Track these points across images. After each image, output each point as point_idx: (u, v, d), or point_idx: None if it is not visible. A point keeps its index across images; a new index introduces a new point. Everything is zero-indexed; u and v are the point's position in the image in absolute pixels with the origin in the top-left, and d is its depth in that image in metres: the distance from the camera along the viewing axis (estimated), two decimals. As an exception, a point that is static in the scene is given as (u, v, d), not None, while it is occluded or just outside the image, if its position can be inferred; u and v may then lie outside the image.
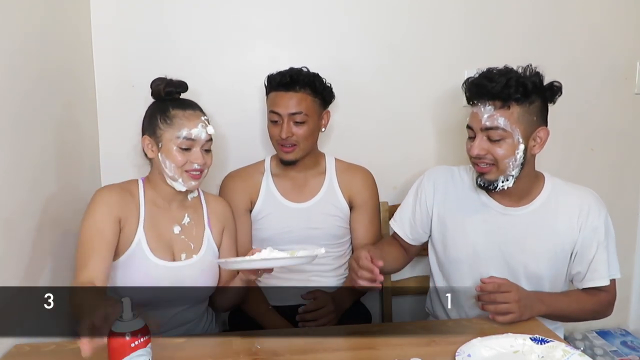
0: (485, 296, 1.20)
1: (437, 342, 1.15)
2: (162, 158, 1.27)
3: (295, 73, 1.50)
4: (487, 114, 1.24)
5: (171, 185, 1.30)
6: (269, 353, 1.11)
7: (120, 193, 1.28)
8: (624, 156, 1.96)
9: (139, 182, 1.34)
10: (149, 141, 1.29)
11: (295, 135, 1.50)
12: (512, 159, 1.25)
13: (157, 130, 1.27)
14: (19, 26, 1.23)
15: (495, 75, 1.25)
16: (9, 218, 1.16)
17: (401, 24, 1.77)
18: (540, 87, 1.26)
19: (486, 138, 1.26)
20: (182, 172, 1.27)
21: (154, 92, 1.33)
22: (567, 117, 1.89)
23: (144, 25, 1.68)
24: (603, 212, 1.32)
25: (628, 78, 1.91)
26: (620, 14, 1.87)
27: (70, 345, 1.16)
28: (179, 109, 1.28)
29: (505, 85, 1.22)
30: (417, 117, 1.84)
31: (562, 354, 1.06)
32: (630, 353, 1.90)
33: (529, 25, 1.82)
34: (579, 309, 1.32)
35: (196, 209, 1.40)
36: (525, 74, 1.26)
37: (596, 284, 1.31)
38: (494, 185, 1.29)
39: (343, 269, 1.66)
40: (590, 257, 1.31)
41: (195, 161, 1.27)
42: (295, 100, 1.49)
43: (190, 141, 1.26)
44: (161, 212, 1.33)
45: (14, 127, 1.19)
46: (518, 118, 1.24)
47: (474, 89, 1.27)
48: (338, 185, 1.61)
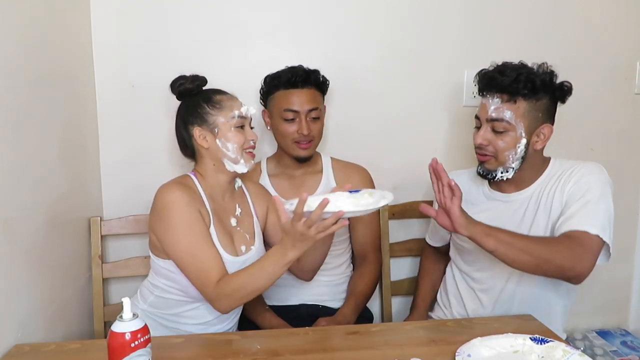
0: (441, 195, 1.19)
1: (437, 342, 1.16)
2: (221, 143, 1.27)
3: (306, 70, 1.51)
4: (494, 106, 1.28)
5: (232, 169, 1.29)
6: (269, 353, 1.11)
7: (185, 189, 1.25)
8: (624, 156, 1.96)
9: (192, 177, 1.31)
10: (201, 131, 1.28)
11: (313, 131, 1.51)
12: (513, 152, 1.28)
13: (208, 117, 1.28)
14: (19, 26, 1.23)
15: (507, 69, 1.28)
16: (9, 217, 1.16)
17: (401, 23, 1.77)
18: (550, 85, 1.28)
19: (490, 129, 1.30)
20: (242, 152, 1.29)
21: (182, 91, 1.32)
22: (567, 117, 1.88)
23: (144, 26, 1.68)
24: (596, 178, 1.27)
25: (628, 78, 1.91)
26: (620, 13, 1.87)
27: (70, 345, 1.16)
28: (220, 94, 1.31)
29: (515, 79, 1.25)
30: (417, 117, 1.84)
31: (562, 354, 1.06)
32: (630, 353, 1.90)
33: (528, 24, 1.83)
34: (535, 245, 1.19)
35: (242, 197, 1.40)
36: (538, 71, 1.28)
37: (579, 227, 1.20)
38: (492, 175, 1.33)
39: (344, 267, 1.66)
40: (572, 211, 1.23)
41: (251, 138, 1.30)
42: (311, 96, 1.51)
43: (243, 119, 1.29)
44: (219, 205, 1.32)
45: (13, 127, 1.19)
46: (524, 113, 1.27)
47: (485, 80, 1.32)
48: (335, 183, 1.61)
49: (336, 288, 1.63)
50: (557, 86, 1.30)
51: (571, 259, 1.18)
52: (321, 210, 1.04)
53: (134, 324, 0.92)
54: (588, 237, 1.20)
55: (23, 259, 1.22)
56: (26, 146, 1.25)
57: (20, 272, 1.21)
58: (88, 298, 1.60)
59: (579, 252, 1.18)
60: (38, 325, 1.26)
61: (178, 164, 1.74)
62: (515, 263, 1.19)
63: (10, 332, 1.16)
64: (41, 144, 1.32)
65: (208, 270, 1.19)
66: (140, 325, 0.92)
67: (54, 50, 1.42)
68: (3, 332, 1.14)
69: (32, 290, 1.25)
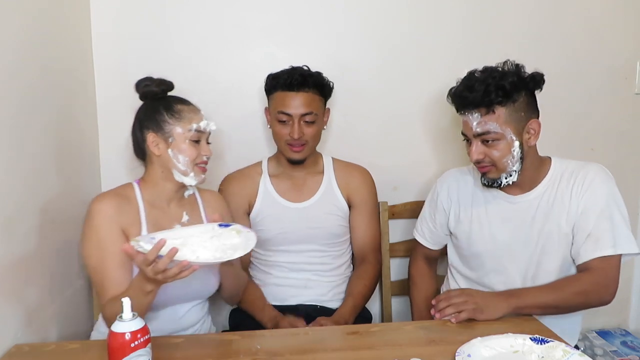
0: (441, 303, 1.24)
1: (437, 342, 1.15)
2: (173, 153, 1.26)
3: (305, 73, 1.50)
4: (475, 122, 1.27)
5: (180, 180, 1.28)
6: (269, 353, 1.11)
7: (117, 200, 1.25)
8: (624, 156, 1.96)
9: (134, 185, 1.31)
10: (155, 138, 1.27)
11: (306, 135, 1.50)
12: (510, 157, 1.28)
13: (165, 125, 1.26)
14: (19, 26, 1.23)
15: (475, 83, 1.26)
16: (9, 217, 1.16)
17: (400, 23, 1.77)
18: (520, 82, 1.27)
19: (481, 142, 1.29)
20: (194, 165, 1.27)
21: (145, 92, 1.30)
22: (567, 117, 1.89)
23: (144, 25, 1.68)
24: (606, 184, 1.30)
25: (628, 78, 1.91)
26: (620, 13, 1.87)
27: (70, 345, 1.16)
28: (182, 104, 1.29)
29: (485, 92, 1.24)
30: (416, 117, 1.84)
31: (562, 354, 1.06)
32: (630, 353, 1.90)
33: (528, 25, 1.83)
34: (560, 295, 1.26)
35: (193, 205, 1.38)
36: (505, 72, 1.27)
37: (597, 254, 1.25)
38: (497, 183, 1.32)
39: (344, 268, 1.66)
40: (588, 229, 1.27)
41: (204, 153, 1.29)
42: (306, 100, 1.49)
43: (200, 133, 1.28)
44: (161, 213, 1.31)
45: (13, 128, 1.20)
46: (506, 119, 1.26)
47: (457, 101, 1.31)
48: (337, 184, 1.61)
49: (336, 289, 1.63)
50: (528, 79, 1.28)
51: (597, 294, 1.26)
52: (169, 259, 1.01)
53: (134, 324, 0.92)
54: (608, 262, 1.26)
55: (23, 259, 1.21)
56: (26, 146, 1.25)
57: (20, 272, 1.21)
58: (88, 298, 1.60)
59: (604, 283, 1.26)
60: (38, 325, 1.26)
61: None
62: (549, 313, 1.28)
63: (10, 332, 1.16)
64: (41, 143, 1.32)
65: (106, 288, 1.19)
66: (140, 325, 0.92)
67: (54, 50, 1.42)
68: (3, 332, 1.14)
69: (32, 291, 1.25)
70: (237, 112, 1.76)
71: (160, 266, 1.01)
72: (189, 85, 1.70)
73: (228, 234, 1.15)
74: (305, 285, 1.59)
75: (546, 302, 1.26)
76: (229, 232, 1.16)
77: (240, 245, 1.12)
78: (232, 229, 1.17)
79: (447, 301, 1.24)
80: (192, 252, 1.06)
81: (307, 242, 1.58)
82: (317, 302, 1.60)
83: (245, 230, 1.17)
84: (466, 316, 1.21)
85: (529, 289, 1.32)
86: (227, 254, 1.09)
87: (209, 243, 1.10)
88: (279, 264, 1.60)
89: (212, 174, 1.74)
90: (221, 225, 1.18)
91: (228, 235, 1.15)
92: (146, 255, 1.01)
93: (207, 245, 1.09)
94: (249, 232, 1.17)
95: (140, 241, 1.05)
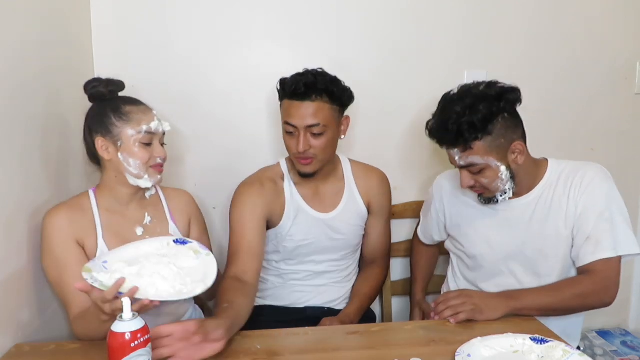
0: (440, 306, 1.25)
1: (437, 342, 1.15)
2: (123, 157, 1.22)
3: (311, 81, 1.34)
4: (457, 156, 1.28)
5: (135, 184, 1.25)
6: (269, 353, 1.11)
7: (69, 211, 1.22)
8: (624, 156, 1.96)
9: (90, 193, 1.28)
10: (104, 142, 1.23)
11: (313, 148, 1.37)
12: (499, 180, 1.28)
13: (113, 128, 1.21)
14: (19, 27, 1.23)
15: (449, 122, 1.23)
16: (8, 217, 1.16)
17: (401, 23, 1.77)
18: (493, 113, 1.21)
19: (468, 172, 1.30)
20: (147, 167, 1.24)
21: (94, 94, 1.26)
22: (567, 117, 1.89)
23: (143, 26, 1.68)
24: (605, 184, 1.29)
25: (628, 78, 1.91)
26: (620, 14, 1.87)
27: (70, 345, 1.16)
28: (131, 105, 1.24)
29: (458, 132, 1.22)
30: (416, 117, 1.83)
31: (562, 354, 1.06)
32: (630, 353, 1.90)
33: (528, 25, 1.82)
34: (560, 296, 1.26)
35: (156, 205, 1.35)
36: (477, 97, 1.22)
37: (597, 257, 1.25)
38: (494, 201, 1.33)
39: (353, 273, 1.64)
40: (588, 231, 1.27)
41: (158, 155, 1.25)
42: (312, 110, 1.34)
43: (151, 135, 1.24)
44: (119, 217, 1.28)
45: (13, 128, 1.20)
46: (486, 150, 1.24)
47: (435, 139, 1.30)
48: (358, 192, 1.56)
49: (343, 290, 1.61)
50: (501, 104, 1.22)
51: (597, 296, 1.27)
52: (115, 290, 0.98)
53: (134, 324, 0.92)
54: (609, 264, 1.25)
55: (22, 259, 1.21)
56: (25, 146, 1.25)
57: (20, 272, 1.21)
58: (88, 298, 1.59)
59: (604, 285, 1.26)
60: (38, 325, 1.26)
61: (178, 165, 1.74)
62: (548, 315, 1.28)
63: (10, 332, 1.16)
64: (41, 144, 1.32)
65: (68, 302, 1.19)
66: (140, 325, 0.92)
67: (54, 50, 1.42)
68: (3, 332, 1.14)
69: (32, 291, 1.25)
70: (237, 112, 1.76)
71: (119, 305, 0.96)
72: (189, 85, 1.72)
73: (185, 254, 1.13)
74: (319, 292, 1.58)
75: (545, 304, 1.26)
76: (186, 252, 1.14)
77: (198, 271, 1.10)
78: (189, 247, 1.15)
79: (445, 304, 1.24)
80: (152, 285, 1.04)
81: (327, 253, 1.54)
82: (324, 304, 1.59)
83: (204, 252, 1.14)
84: (465, 317, 1.21)
85: (528, 290, 1.31)
86: (187, 286, 1.06)
87: (167, 271, 1.08)
88: (295, 272, 1.56)
89: (214, 173, 1.76)
90: (176, 241, 1.17)
91: (184, 256, 1.13)
92: (104, 294, 0.98)
93: (166, 274, 1.07)
94: (208, 255, 1.13)
95: (93, 271, 1.04)
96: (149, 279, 1.06)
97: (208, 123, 1.75)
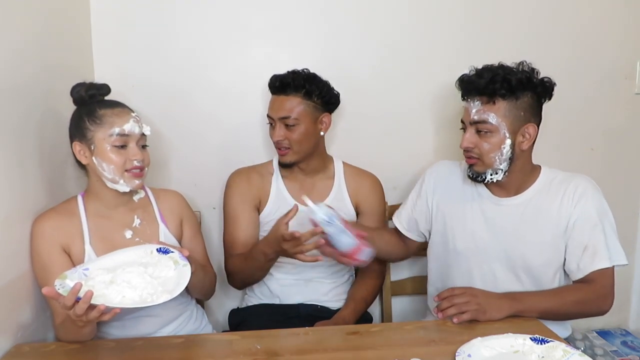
0: (444, 303, 1.24)
1: (437, 342, 1.15)
2: (97, 161, 1.20)
3: (287, 77, 1.47)
4: (475, 109, 1.29)
5: (113, 188, 1.22)
6: (269, 353, 1.11)
7: (56, 218, 1.22)
8: (624, 156, 1.96)
9: (78, 198, 1.27)
10: (80, 147, 1.21)
11: (288, 139, 1.48)
12: (498, 153, 1.28)
13: (87, 132, 1.20)
14: (19, 26, 1.23)
15: (485, 71, 1.28)
16: (8, 217, 1.16)
17: (400, 23, 1.77)
18: (529, 83, 1.27)
19: (475, 131, 1.30)
20: (123, 172, 1.21)
21: (76, 98, 1.25)
22: (567, 117, 1.89)
23: (144, 26, 1.68)
24: (597, 196, 1.31)
25: (628, 78, 1.91)
26: (620, 13, 1.87)
27: (70, 345, 1.16)
28: (106, 108, 1.22)
29: (491, 80, 1.25)
30: (416, 116, 1.84)
31: (562, 354, 1.06)
32: (631, 353, 1.90)
33: (528, 24, 1.82)
34: (560, 302, 1.29)
35: (145, 208, 1.34)
36: (517, 70, 1.28)
37: (595, 267, 1.28)
38: (482, 178, 1.33)
39: (345, 270, 1.65)
40: (584, 242, 1.29)
41: (133, 157, 1.21)
42: (286, 104, 1.46)
43: (124, 137, 1.20)
44: (107, 221, 1.27)
45: (13, 128, 1.20)
46: (504, 113, 1.27)
47: (464, 85, 1.33)
48: (346, 190, 1.60)
49: (337, 289, 1.62)
50: (537, 83, 1.29)
51: (596, 304, 1.30)
52: (85, 304, 0.98)
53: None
54: (605, 274, 1.28)
55: (22, 259, 1.21)
56: (25, 146, 1.25)
57: (20, 272, 1.20)
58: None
59: (603, 293, 1.29)
60: (38, 325, 1.26)
61: (178, 166, 1.74)
62: (547, 319, 1.28)
63: (10, 333, 1.16)
64: (41, 144, 1.32)
65: (54, 309, 1.19)
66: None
67: (54, 50, 1.42)
68: (3, 333, 1.14)
69: (32, 291, 1.25)
70: (237, 112, 1.76)
71: (77, 311, 0.97)
72: (189, 85, 1.72)
73: (165, 264, 1.14)
74: (307, 284, 1.58)
75: (547, 308, 1.27)
76: (166, 262, 1.14)
77: (173, 281, 1.10)
78: (170, 257, 1.15)
79: (449, 301, 1.24)
80: (118, 293, 1.05)
81: None
82: (317, 302, 1.59)
83: (182, 263, 1.14)
84: (469, 317, 1.21)
85: (531, 293, 1.33)
86: (156, 294, 1.06)
87: (140, 280, 1.08)
88: (282, 265, 1.57)
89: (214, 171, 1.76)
90: (160, 250, 1.17)
91: (164, 266, 1.13)
92: (64, 299, 0.97)
93: (137, 283, 1.07)
94: (185, 266, 1.13)
95: (67, 278, 1.04)
96: (117, 287, 1.06)
97: (208, 123, 1.75)
